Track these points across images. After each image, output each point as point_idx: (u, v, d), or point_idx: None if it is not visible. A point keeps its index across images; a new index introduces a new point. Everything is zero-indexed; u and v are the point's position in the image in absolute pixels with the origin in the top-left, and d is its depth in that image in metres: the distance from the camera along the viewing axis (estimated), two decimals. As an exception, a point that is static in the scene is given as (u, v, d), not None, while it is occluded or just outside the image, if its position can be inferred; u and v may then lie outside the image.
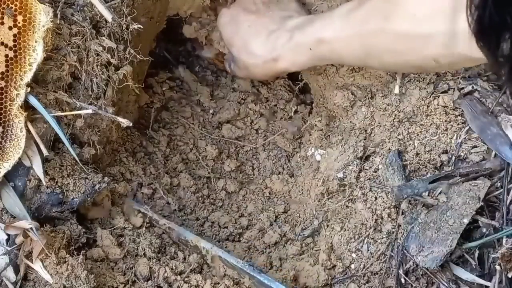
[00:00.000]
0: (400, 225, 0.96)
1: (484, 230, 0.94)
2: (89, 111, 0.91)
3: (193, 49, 1.27)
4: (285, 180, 1.15)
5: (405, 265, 0.95)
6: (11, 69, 0.85)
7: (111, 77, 0.95)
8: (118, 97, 0.99)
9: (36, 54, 0.85)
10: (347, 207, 1.02)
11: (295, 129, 1.21)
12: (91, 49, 0.93)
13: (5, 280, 0.86)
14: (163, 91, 1.23)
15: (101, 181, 0.92)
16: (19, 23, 0.85)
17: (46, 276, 0.85)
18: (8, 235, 0.87)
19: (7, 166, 0.86)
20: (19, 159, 0.86)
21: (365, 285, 0.97)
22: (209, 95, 1.25)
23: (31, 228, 0.85)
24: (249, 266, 0.96)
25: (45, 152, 0.88)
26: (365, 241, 0.98)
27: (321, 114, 1.14)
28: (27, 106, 0.87)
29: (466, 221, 0.92)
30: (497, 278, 0.91)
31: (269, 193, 1.15)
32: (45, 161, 0.89)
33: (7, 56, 0.85)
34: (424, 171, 0.98)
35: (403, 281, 0.95)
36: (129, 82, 0.98)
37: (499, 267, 0.90)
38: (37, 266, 0.86)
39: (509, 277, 0.90)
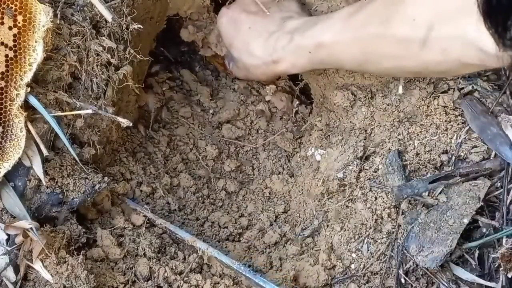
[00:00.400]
0: (400, 225, 0.96)
1: (484, 230, 0.94)
2: (89, 111, 0.91)
3: (193, 51, 1.27)
4: (285, 180, 1.15)
5: (405, 265, 0.95)
6: (11, 69, 0.85)
7: (111, 77, 0.95)
8: (118, 97, 0.99)
9: (36, 54, 0.85)
10: (347, 207, 1.02)
11: (295, 129, 1.22)
12: (91, 49, 0.93)
13: (5, 280, 0.86)
14: (163, 91, 1.23)
15: (101, 181, 0.92)
16: (19, 23, 0.85)
17: (46, 275, 0.85)
18: (8, 235, 0.87)
19: (7, 166, 0.86)
20: (19, 159, 0.86)
21: (365, 285, 0.98)
22: (209, 95, 1.25)
23: (31, 228, 0.85)
24: (244, 267, 0.97)
25: (45, 152, 0.88)
26: (365, 241, 0.98)
27: (321, 114, 1.14)
28: (27, 106, 0.87)
29: (466, 221, 0.92)
30: (500, 282, 0.91)
31: (269, 193, 1.15)
32: (45, 161, 0.89)
33: (7, 56, 0.85)
34: (424, 171, 0.98)
35: (403, 281, 0.95)
36: (129, 82, 0.98)
37: (502, 272, 0.90)
38: (37, 266, 0.86)
39: (509, 277, 0.90)
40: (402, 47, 0.87)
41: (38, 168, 0.88)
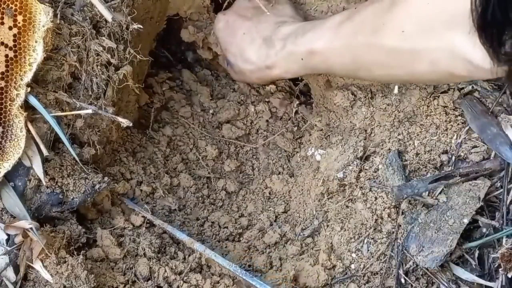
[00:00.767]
0: (400, 225, 0.96)
1: (484, 230, 0.94)
2: (89, 111, 0.91)
3: (193, 51, 1.27)
4: (285, 180, 1.15)
5: (405, 265, 0.95)
6: (11, 69, 0.85)
7: (111, 77, 0.95)
8: (118, 97, 0.99)
9: (36, 54, 0.85)
10: (347, 207, 1.02)
11: (295, 129, 1.21)
12: (91, 49, 0.93)
13: (5, 280, 0.86)
14: (163, 91, 1.23)
15: (101, 181, 0.92)
16: (19, 23, 0.85)
17: (46, 275, 0.85)
18: (8, 235, 0.87)
19: (7, 166, 0.86)
20: (19, 159, 0.86)
21: (365, 285, 0.98)
22: (209, 95, 1.25)
23: (31, 228, 0.85)
24: (241, 269, 0.97)
25: (45, 152, 0.88)
26: (365, 241, 0.98)
27: (321, 114, 1.14)
28: (27, 106, 0.87)
29: (466, 221, 0.92)
30: (500, 281, 0.91)
31: (269, 193, 1.15)
32: (45, 161, 0.89)
33: (7, 56, 0.85)
34: (424, 171, 0.98)
35: (403, 281, 0.95)
36: (129, 82, 0.98)
37: (502, 272, 0.90)
38: (37, 266, 0.86)
39: (509, 277, 0.90)
40: (391, 57, 0.88)
41: (38, 168, 0.88)
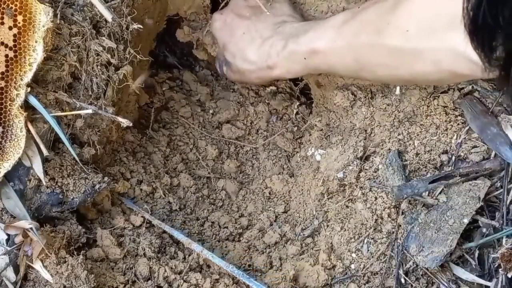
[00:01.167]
0: (400, 225, 0.96)
1: (484, 230, 0.94)
2: (89, 111, 0.91)
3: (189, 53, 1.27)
4: (285, 180, 1.15)
5: (405, 265, 0.95)
6: (11, 69, 0.85)
7: (111, 77, 0.95)
8: (118, 97, 0.99)
9: (36, 54, 0.85)
10: (347, 207, 1.02)
11: (295, 129, 1.21)
12: (91, 49, 0.93)
13: (5, 280, 0.86)
14: (163, 91, 1.23)
15: (101, 181, 0.92)
16: (19, 23, 0.85)
17: (46, 275, 0.85)
18: (8, 235, 0.87)
19: (7, 166, 0.86)
20: (19, 159, 0.86)
21: (365, 285, 0.98)
22: (209, 95, 1.25)
23: (31, 228, 0.85)
24: (238, 270, 0.97)
25: (45, 152, 0.88)
26: (365, 241, 0.98)
27: (321, 114, 1.14)
28: (27, 106, 0.87)
29: (466, 221, 0.92)
30: (500, 281, 0.91)
31: (269, 193, 1.15)
32: (45, 161, 0.89)
33: (7, 56, 0.85)
34: (424, 171, 0.98)
35: (403, 281, 0.95)
36: (129, 82, 0.98)
37: (502, 272, 0.90)
38: (37, 266, 0.86)
39: (509, 277, 0.90)
40: (395, 57, 0.88)
41: (38, 168, 0.88)
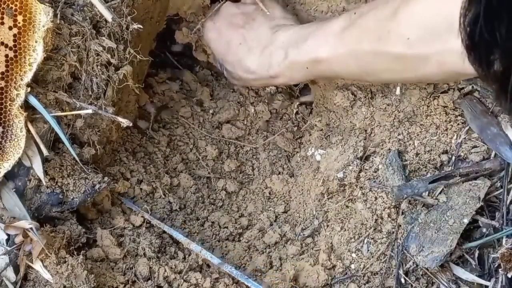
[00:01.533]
0: (400, 225, 0.96)
1: (484, 230, 0.94)
2: (89, 111, 0.91)
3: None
4: (285, 180, 1.15)
5: (405, 265, 0.95)
6: (11, 69, 0.85)
7: (111, 77, 0.95)
8: (118, 97, 0.99)
9: (36, 54, 0.85)
10: (347, 207, 1.02)
11: (295, 129, 1.21)
12: (91, 49, 0.93)
13: (5, 280, 0.86)
14: (163, 91, 1.23)
15: (101, 181, 0.92)
16: (19, 23, 0.85)
17: (46, 275, 0.85)
18: (8, 235, 0.87)
19: (7, 166, 0.86)
20: (19, 159, 0.86)
21: (365, 285, 0.98)
22: (209, 95, 1.25)
23: (31, 228, 0.85)
24: (236, 270, 0.97)
25: (45, 152, 0.88)
26: (365, 241, 0.98)
27: (321, 114, 1.14)
28: (27, 106, 0.87)
29: (466, 221, 0.92)
30: (500, 281, 0.91)
31: (269, 193, 1.15)
32: (45, 161, 0.89)
33: (7, 56, 0.85)
34: (424, 171, 0.98)
35: (403, 281, 0.95)
36: (129, 82, 0.98)
37: (502, 272, 0.90)
38: (37, 266, 0.86)
39: (509, 277, 0.90)
40: (399, 63, 0.88)
41: (38, 168, 0.88)
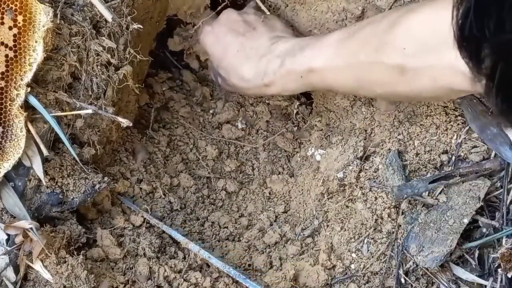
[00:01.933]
0: (400, 225, 0.96)
1: (484, 230, 0.94)
2: (89, 111, 0.91)
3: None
4: (285, 180, 1.15)
5: (405, 265, 0.95)
6: (11, 69, 0.85)
7: (111, 77, 0.95)
8: (118, 97, 0.99)
9: (36, 54, 0.86)
10: (347, 207, 1.02)
11: (295, 129, 1.22)
12: (91, 49, 0.93)
13: (5, 280, 0.86)
14: (163, 91, 1.23)
15: (101, 181, 0.92)
16: (19, 23, 0.85)
17: (46, 275, 0.85)
18: (8, 235, 0.87)
19: (7, 166, 0.86)
20: (19, 159, 0.86)
21: (365, 285, 0.98)
22: (209, 95, 1.25)
23: (31, 228, 0.85)
24: (234, 270, 0.97)
25: (45, 152, 0.88)
26: (365, 241, 0.98)
27: (321, 114, 1.14)
28: (27, 106, 0.87)
29: (466, 221, 0.92)
30: (500, 281, 0.91)
31: (269, 193, 1.15)
32: (45, 161, 0.89)
33: (7, 56, 0.85)
34: (424, 171, 0.98)
35: (403, 281, 0.95)
36: (129, 82, 0.98)
37: (502, 272, 0.90)
38: (37, 266, 0.86)
39: (509, 277, 0.90)
40: (394, 75, 0.88)
41: (38, 168, 0.88)
